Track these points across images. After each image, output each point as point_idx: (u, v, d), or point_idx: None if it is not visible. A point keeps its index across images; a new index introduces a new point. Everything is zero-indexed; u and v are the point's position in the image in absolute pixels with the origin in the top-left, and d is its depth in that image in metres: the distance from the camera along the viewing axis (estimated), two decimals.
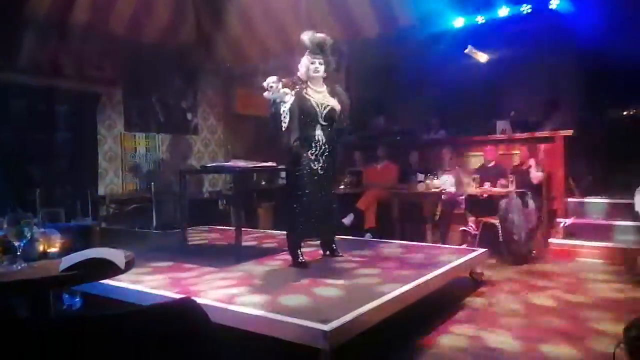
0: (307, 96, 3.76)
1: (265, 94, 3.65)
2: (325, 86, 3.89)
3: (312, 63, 3.80)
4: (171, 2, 6.49)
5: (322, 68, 3.81)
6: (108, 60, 6.99)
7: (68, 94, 6.61)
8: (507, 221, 5.15)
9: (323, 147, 3.79)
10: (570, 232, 5.57)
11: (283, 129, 3.67)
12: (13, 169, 6.12)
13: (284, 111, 3.65)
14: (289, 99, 3.67)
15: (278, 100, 3.64)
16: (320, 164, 3.78)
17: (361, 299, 2.75)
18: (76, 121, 6.81)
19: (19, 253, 1.77)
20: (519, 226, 5.08)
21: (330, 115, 3.83)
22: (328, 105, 3.83)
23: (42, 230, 1.95)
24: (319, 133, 3.79)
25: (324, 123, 3.81)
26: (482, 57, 6.62)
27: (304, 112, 3.73)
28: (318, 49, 3.80)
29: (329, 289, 3.03)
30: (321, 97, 3.83)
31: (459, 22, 6.16)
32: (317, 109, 3.78)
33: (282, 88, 3.63)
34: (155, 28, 6.78)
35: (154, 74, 7.42)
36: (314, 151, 3.76)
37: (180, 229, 4.61)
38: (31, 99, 6.36)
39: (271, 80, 3.63)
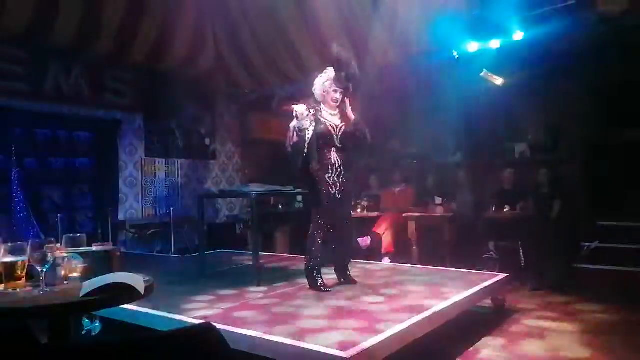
0: (322, 119, 3.77)
1: (294, 123, 3.65)
2: (337, 108, 3.90)
3: (334, 91, 3.79)
4: (190, 31, 6.67)
5: (339, 98, 3.82)
6: (129, 88, 7.18)
7: (90, 120, 6.80)
8: (528, 246, 5.06)
9: (339, 170, 3.78)
10: (595, 256, 5.43)
11: (304, 155, 3.67)
12: (36, 194, 6.27)
13: (308, 139, 3.65)
14: (312, 127, 3.67)
15: (303, 128, 3.64)
16: (338, 188, 3.76)
17: (380, 325, 2.71)
18: (98, 147, 6.97)
19: (41, 278, 1.80)
20: (542, 251, 4.98)
21: (346, 137, 3.84)
22: (343, 127, 3.84)
23: (64, 255, 1.98)
24: (334, 156, 3.78)
25: (339, 145, 3.81)
26: (498, 81, 6.60)
27: (321, 136, 3.73)
28: (344, 78, 3.77)
29: (348, 314, 2.99)
30: (336, 119, 3.84)
31: (473, 46, 6.18)
32: (333, 132, 3.79)
33: (308, 117, 3.64)
34: (175, 56, 6.96)
35: (174, 100, 7.59)
36: (330, 174, 3.75)
37: (199, 254, 4.63)
38: (54, 126, 6.55)
39: (301, 109, 3.62)
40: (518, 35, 5.67)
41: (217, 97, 8.36)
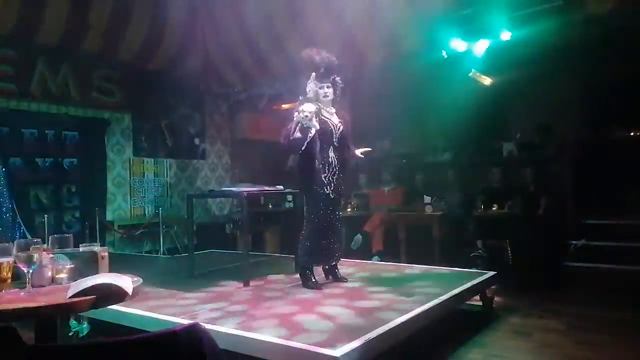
0: (323, 117, 3.74)
1: (299, 117, 3.56)
2: (333, 107, 3.89)
3: (320, 88, 3.76)
4: (179, 29, 6.62)
5: (330, 91, 3.79)
6: (117, 87, 7.12)
7: (78, 120, 6.73)
8: (516, 244, 5.11)
9: (335, 169, 3.78)
10: (582, 254, 5.49)
11: (300, 152, 3.64)
12: (23, 194, 6.19)
13: (309, 137, 3.59)
14: (315, 127, 3.62)
15: (307, 126, 3.58)
16: (332, 188, 3.76)
17: (372, 323, 2.72)
18: (85, 147, 6.90)
19: (28, 279, 1.78)
20: (529, 249, 5.03)
21: (342, 136, 3.83)
22: (340, 126, 3.83)
23: (51, 256, 1.96)
24: (332, 155, 3.78)
25: (337, 144, 3.81)
26: (486, 80, 6.66)
27: (322, 135, 3.70)
28: (326, 72, 3.76)
29: (340, 312, 3.00)
30: (334, 118, 3.82)
31: (462, 46, 6.21)
32: (333, 131, 3.78)
33: (314, 117, 3.59)
34: (164, 55, 6.91)
35: (163, 100, 7.53)
36: (327, 174, 3.74)
37: (188, 254, 4.60)
38: (41, 125, 6.47)
39: (310, 108, 3.58)
40: (506, 35, 5.71)
41: (206, 96, 8.32)
